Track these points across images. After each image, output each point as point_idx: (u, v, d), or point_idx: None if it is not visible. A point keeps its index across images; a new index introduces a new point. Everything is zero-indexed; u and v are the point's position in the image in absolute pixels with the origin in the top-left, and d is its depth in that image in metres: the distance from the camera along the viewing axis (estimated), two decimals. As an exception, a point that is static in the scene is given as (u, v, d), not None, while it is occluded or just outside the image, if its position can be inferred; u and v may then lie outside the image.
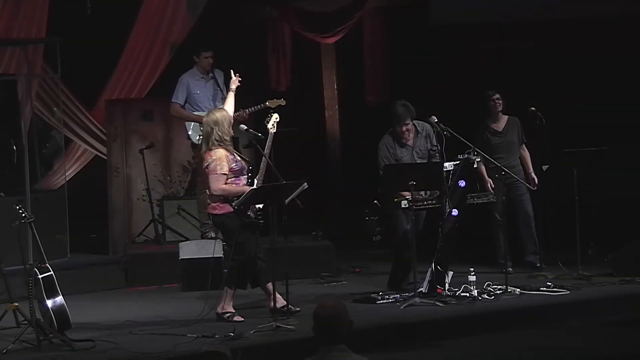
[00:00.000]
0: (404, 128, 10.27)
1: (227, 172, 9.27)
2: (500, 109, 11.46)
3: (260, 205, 9.30)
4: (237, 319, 9.34)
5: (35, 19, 12.36)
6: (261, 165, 9.59)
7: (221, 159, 9.27)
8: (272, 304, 9.24)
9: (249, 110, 11.56)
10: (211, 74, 11.84)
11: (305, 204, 9.67)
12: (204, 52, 11.80)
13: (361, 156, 13.39)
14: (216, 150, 9.31)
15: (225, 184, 9.30)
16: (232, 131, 9.51)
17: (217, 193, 9.30)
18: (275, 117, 9.81)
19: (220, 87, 11.77)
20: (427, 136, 10.41)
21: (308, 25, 13.39)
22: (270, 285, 9.30)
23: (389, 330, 9.01)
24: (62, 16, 12.26)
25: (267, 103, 11.44)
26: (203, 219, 11.88)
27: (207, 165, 9.34)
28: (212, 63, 11.81)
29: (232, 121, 9.57)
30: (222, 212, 9.36)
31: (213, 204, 9.42)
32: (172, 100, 11.79)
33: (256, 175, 9.48)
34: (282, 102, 11.45)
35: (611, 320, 9.71)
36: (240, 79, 9.97)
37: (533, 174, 11.34)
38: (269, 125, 9.75)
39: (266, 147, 9.59)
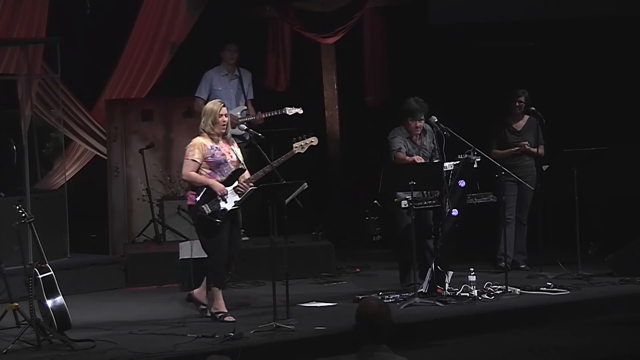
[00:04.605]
0: (418, 123, 10.25)
1: (197, 160, 9.34)
2: (522, 110, 11.46)
3: (227, 206, 9.31)
4: (229, 319, 9.34)
5: (35, 19, 12.34)
6: (263, 169, 9.56)
7: (195, 146, 9.40)
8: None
9: (265, 115, 11.58)
10: (236, 73, 11.87)
11: (305, 204, 9.66)
12: (228, 45, 11.87)
13: (361, 156, 13.41)
14: (197, 137, 9.47)
15: (198, 172, 9.36)
16: (220, 128, 9.39)
17: (184, 178, 9.58)
18: (312, 140, 9.64)
19: (244, 89, 11.78)
20: (430, 136, 10.40)
21: (308, 25, 13.37)
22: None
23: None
24: (62, 16, 12.25)
25: (286, 110, 11.46)
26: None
27: (185, 149, 9.54)
28: (235, 58, 11.82)
29: (223, 116, 9.43)
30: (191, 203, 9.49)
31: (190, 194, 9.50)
32: (196, 95, 11.81)
33: (239, 178, 9.41)
34: (300, 110, 11.47)
35: (611, 320, 9.71)
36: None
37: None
38: (296, 145, 9.59)
39: (278, 160, 9.55)
